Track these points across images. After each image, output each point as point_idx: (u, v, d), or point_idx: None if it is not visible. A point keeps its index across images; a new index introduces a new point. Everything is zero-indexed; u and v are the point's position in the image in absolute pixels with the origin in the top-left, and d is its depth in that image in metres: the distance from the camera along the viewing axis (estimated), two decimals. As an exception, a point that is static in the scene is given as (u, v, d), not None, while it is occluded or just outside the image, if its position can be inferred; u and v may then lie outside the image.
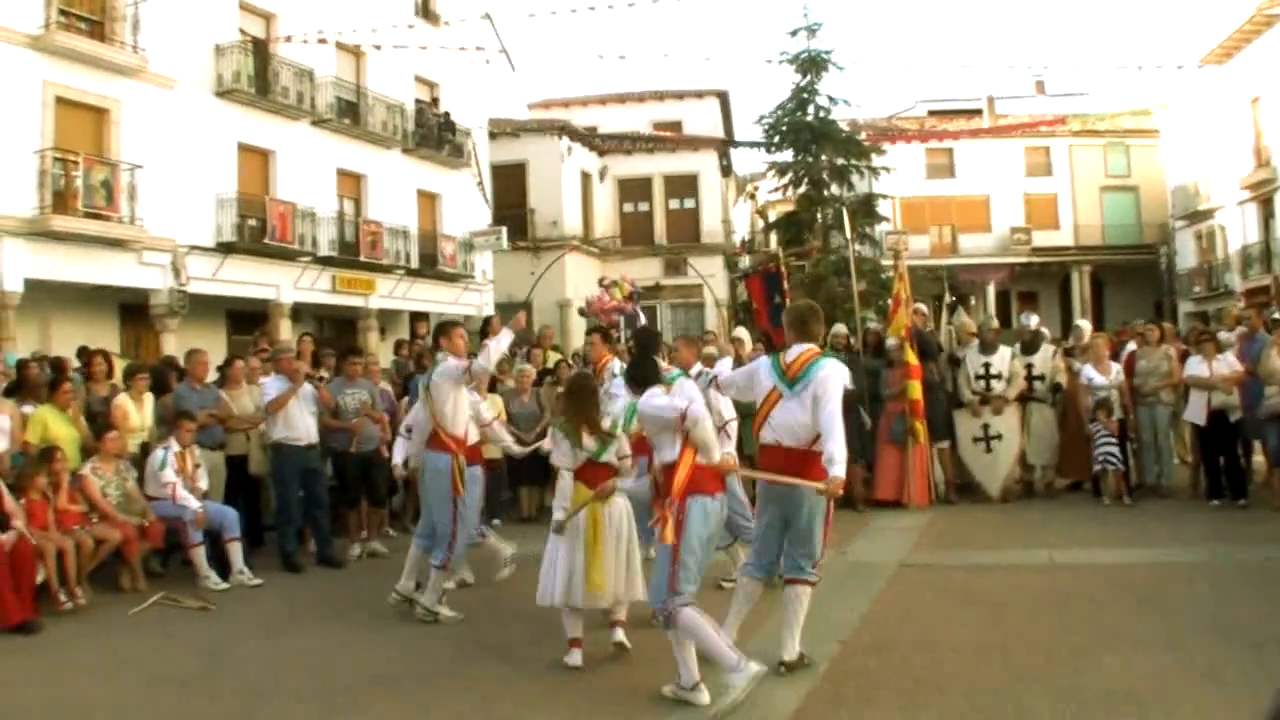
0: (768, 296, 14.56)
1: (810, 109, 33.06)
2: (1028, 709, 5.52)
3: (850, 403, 12.32)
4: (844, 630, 7.09)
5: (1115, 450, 12.29)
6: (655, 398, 5.95)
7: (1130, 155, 45.80)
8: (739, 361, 12.50)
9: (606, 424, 6.75)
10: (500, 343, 8.13)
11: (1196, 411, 12.02)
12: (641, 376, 6.18)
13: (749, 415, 12.56)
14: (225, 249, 23.07)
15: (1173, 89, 41.75)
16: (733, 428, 8.16)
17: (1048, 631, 6.89)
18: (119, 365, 11.83)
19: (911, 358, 12.54)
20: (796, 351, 6.21)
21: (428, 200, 30.53)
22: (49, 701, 6.19)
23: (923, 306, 14.61)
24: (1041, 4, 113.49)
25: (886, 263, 26.77)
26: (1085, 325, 14.99)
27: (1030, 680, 5.91)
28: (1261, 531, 10.35)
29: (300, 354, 11.30)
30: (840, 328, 13.78)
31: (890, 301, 14.05)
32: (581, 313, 16.21)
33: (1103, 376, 12.68)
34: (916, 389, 12.48)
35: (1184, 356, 12.66)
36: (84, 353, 12.33)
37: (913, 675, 6.02)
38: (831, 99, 33.08)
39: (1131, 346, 13.72)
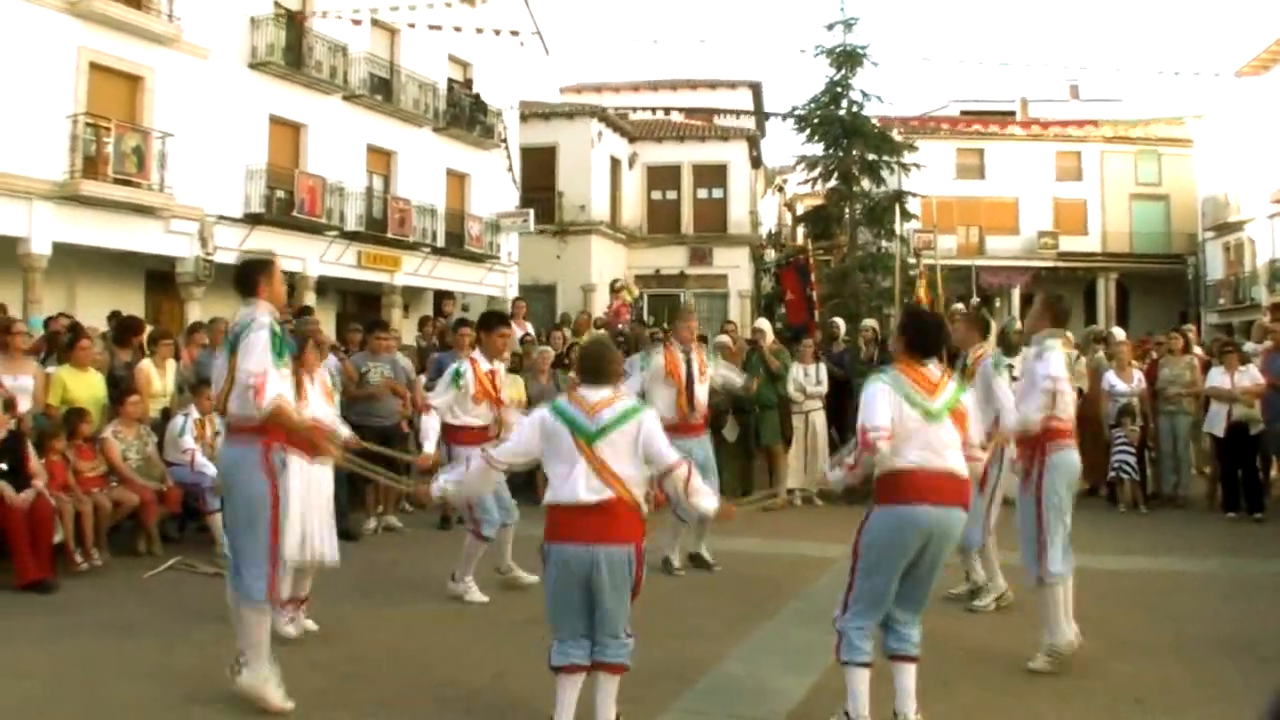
0: (802, 288, 14.60)
1: (843, 103, 32.98)
2: (1034, 710, 5.53)
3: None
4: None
5: (1131, 460, 12.25)
6: None
7: (1162, 164, 45.43)
8: (758, 352, 12.60)
9: None
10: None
11: (1216, 422, 11.98)
12: None
13: (768, 406, 12.62)
14: (253, 220, 23.17)
15: (1208, 99, 41.49)
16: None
17: (1056, 635, 6.85)
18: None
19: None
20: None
21: (456, 180, 30.57)
22: (61, 659, 6.25)
23: (960, 307, 14.36)
24: (1078, 8, 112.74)
25: (913, 260, 26.71)
26: (1120, 333, 14.89)
27: (1037, 682, 5.92)
28: (1276, 546, 10.32)
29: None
30: (869, 323, 13.77)
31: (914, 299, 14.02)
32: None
33: (1125, 384, 12.63)
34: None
35: (1206, 366, 12.61)
36: (115, 318, 12.41)
37: (919, 673, 6.01)
38: (865, 94, 33.00)
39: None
